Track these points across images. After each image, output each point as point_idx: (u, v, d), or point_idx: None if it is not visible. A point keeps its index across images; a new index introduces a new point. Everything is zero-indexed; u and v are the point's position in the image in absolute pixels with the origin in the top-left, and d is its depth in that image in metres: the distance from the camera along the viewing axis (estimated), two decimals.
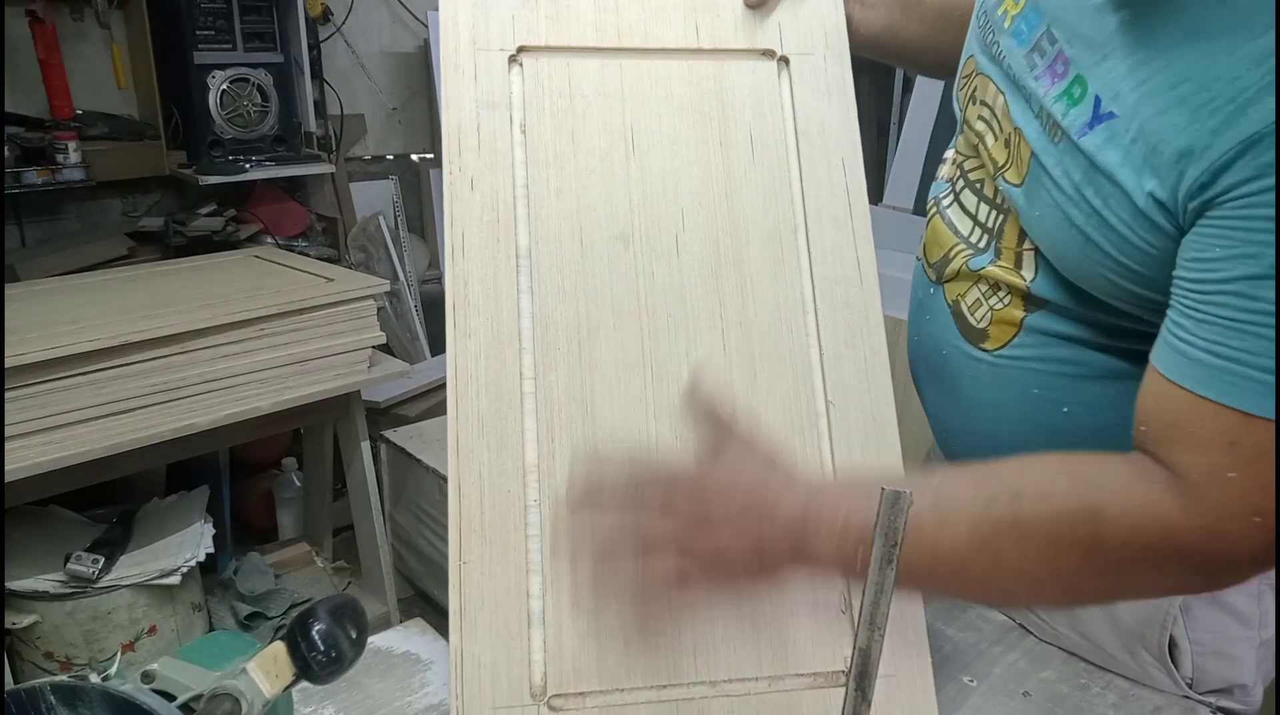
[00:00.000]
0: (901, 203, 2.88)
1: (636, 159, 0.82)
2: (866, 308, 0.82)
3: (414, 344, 2.94)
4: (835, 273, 0.82)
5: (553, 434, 0.75)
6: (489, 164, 0.80)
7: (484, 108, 0.81)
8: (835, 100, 0.86)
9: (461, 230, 0.78)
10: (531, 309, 0.78)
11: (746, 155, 0.84)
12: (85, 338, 1.58)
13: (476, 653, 0.71)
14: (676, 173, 0.83)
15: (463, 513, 0.73)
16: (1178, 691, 0.81)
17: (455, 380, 0.75)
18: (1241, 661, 0.81)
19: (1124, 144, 0.60)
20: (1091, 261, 0.65)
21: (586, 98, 0.83)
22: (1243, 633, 0.80)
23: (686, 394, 0.74)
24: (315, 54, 2.74)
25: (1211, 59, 0.55)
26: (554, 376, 0.76)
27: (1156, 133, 0.58)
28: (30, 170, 2.19)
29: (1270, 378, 0.53)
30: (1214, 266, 0.55)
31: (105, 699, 0.52)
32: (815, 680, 0.74)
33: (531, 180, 0.80)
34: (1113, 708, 0.80)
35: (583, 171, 0.81)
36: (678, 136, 0.83)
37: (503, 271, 0.78)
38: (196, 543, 1.89)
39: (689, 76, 0.85)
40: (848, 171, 0.85)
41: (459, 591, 0.72)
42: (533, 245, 0.79)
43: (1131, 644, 0.82)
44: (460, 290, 0.77)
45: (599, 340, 0.78)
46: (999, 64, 0.75)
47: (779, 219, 0.83)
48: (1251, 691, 0.82)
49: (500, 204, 0.79)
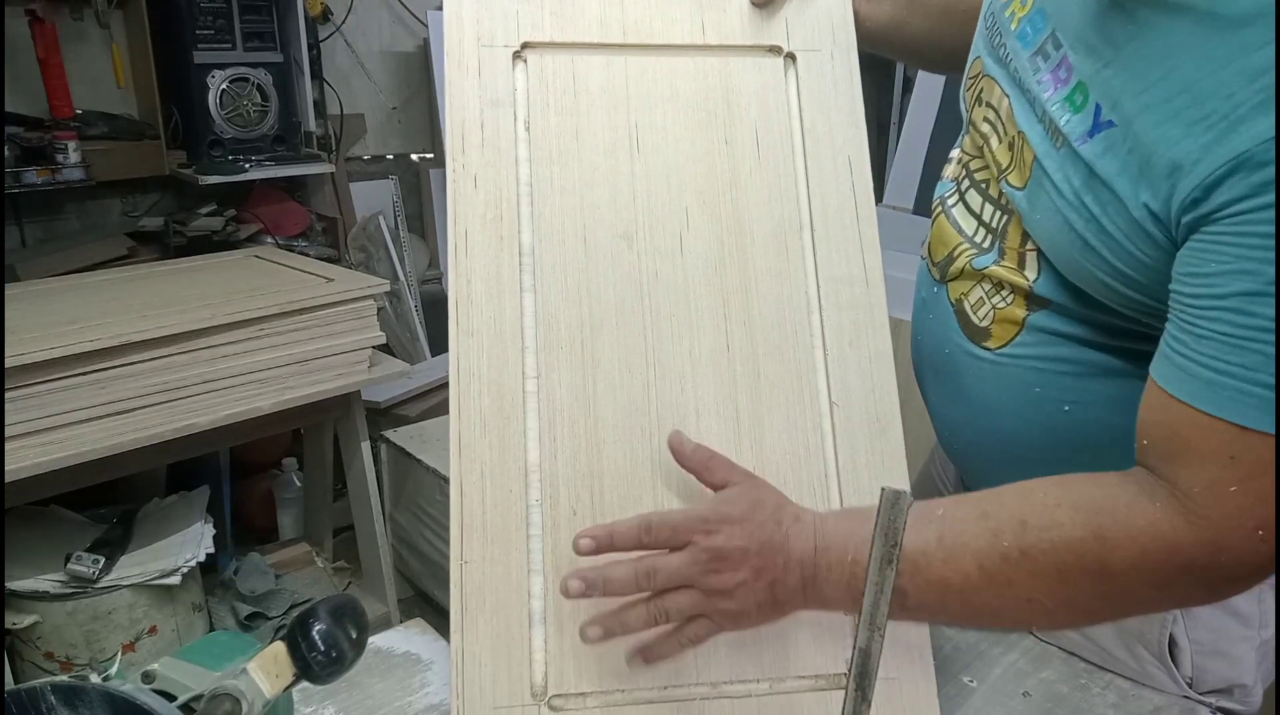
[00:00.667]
0: (902, 203, 2.88)
1: (641, 157, 0.82)
2: (872, 308, 0.81)
3: (414, 344, 2.94)
4: (840, 272, 0.82)
5: (555, 433, 0.75)
6: (493, 161, 0.79)
7: (488, 105, 0.80)
8: (842, 97, 0.86)
9: (465, 228, 0.78)
10: (534, 308, 0.77)
11: (752, 153, 0.83)
12: (85, 338, 1.58)
13: (477, 652, 0.71)
14: (681, 171, 0.82)
15: (464, 512, 0.73)
16: (1178, 691, 0.81)
17: (458, 379, 0.75)
18: (1241, 661, 0.81)
19: (1121, 154, 0.61)
20: (1090, 266, 0.66)
21: (591, 94, 0.82)
22: (1243, 632, 0.80)
23: (677, 452, 0.71)
24: (315, 54, 2.74)
25: (1207, 73, 0.55)
26: (557, 376, 0.76)
27: (1151, 145, 0.58)
28: (30, 170, 2.19)
29: (1268, 392, 0.53)
30: (1210, 282, 0.56)
31: (105, 699, 0.51)
32: (816, 682, 0.74)
33: (535, 178, 0.80)
34: (1113, 708, 0.80)
35: (587, 169, 0.81)
36: (683, 134, 0.83)
37: (506, 270, 0.77)
38: (197, 543, 1.89)
39: (694, 73, 0.84)
40: (854, 170, 0.84)
41: (460, 590, 0.71)
42: (536, 243, 0.79)
43: (1131, 643, 0.82)
44: (463, 288, 0.77)
45: (602, 339, 0.77)
46: (1005, 66, 0.75)
47: (784, 218, 0.82)
48: (1252, 692, 0.82)
49: (504, 202, 0.79)
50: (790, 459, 0.77)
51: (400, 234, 3.02)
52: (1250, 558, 0.57)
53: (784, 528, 0.65)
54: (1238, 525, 0.56)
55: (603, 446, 0.75)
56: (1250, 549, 0.56)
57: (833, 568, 0.63)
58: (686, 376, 0.78)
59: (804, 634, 0.74)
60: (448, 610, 0.72)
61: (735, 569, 0.64)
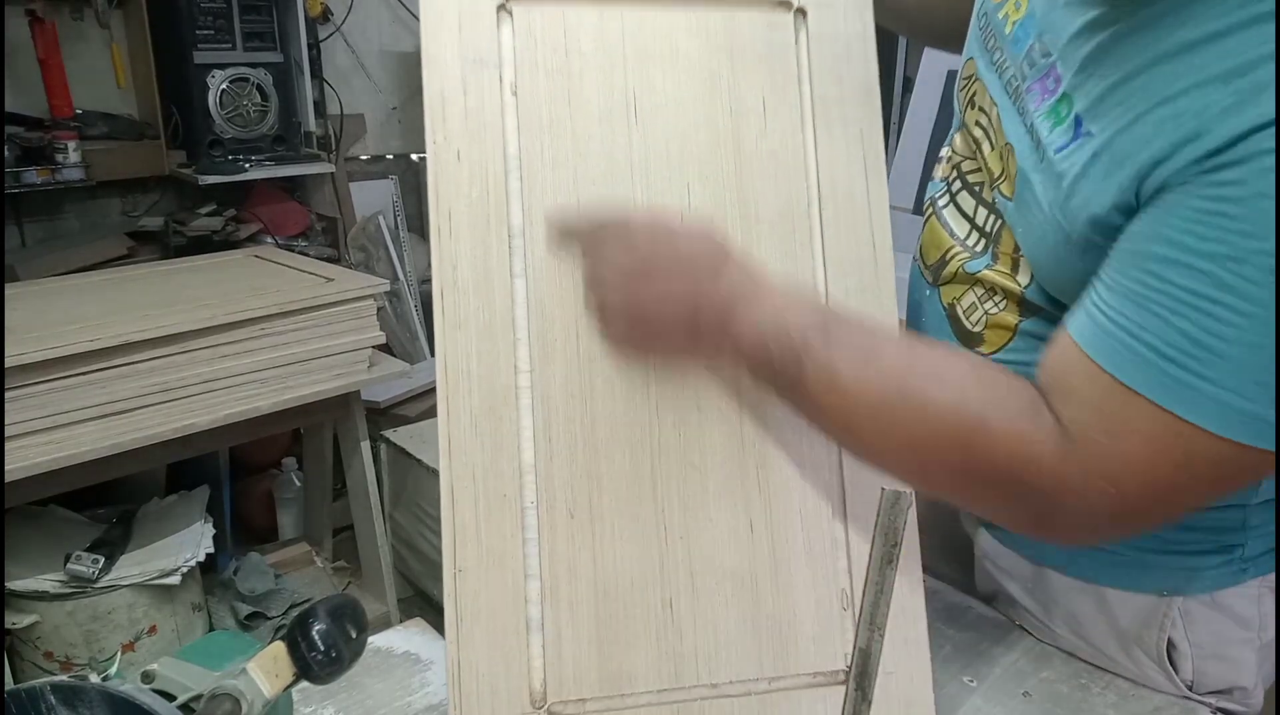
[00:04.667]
0: (902, 202, 2.87)
1: (639, 125, 0.75)
2: (880, 294, 0.77)
3: (414, 344, 2.94)
4: (849, 254, 0.77)
5: (550, 432, 0.71)
6: (477, 132, 0.72)
7: (470, 65, 0.72)
8: (855, 59, 0.80)
9: (448, 208, 0.71)
10: (526, 295, 0.72)
11: (758, 123, 0.77)
12: (85, 338, 1.58)
13: (474, 661, 0.69)
14: (683, 141, 0.75)
15: (456, 518, 0.70)
16: (1177, 694, 0.81)
17: (445, 375, 0.70)
18: (1241, 664, 0.81)
19: (1100, 162, 0.60)
20: (1068, 281, 0.66)
21: (584, 54, 0.75)
22: (1243, 635, 0.80)
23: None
24: (315, 53, 2.74)
25: (1181, 78, 0.55)
26: (551, 370, 0.72)
27: (1125, 150, 0.58)
28: (30, 170, 2.19)
29: (1152, 356, 0.54)
30: (1137, 240, 0.57)
31: (105, 699, 0.52)
32: (815, 679, 0.74)
33: (524, 150, 0.73)
34: (1113, 708, 0.80)
35: (580, 140, 0.74)
36: (684, 98, 0.76)
37: (495, 254, 0.72)
38: (196, 543, 1.89)
39: (697, 29, 0.77)
40: (865, 143, 0.79)
41: (454, 600, 0.69)
42: (526, 224, 0.72)
43: (1129, 646, 0.82)
44: (448, 276, 0.71)
45: (598, 330, 0.73)
46: (997, 72, 0.75)
47: (791, 195, 0.77)
48: (1252, 694, 0.82)
49: (490, 177, 0.72)
50: (792, 457, 0.75)
51: (400, 234, 3.02)
52: (1087, 508, 0.59)
53: (722, 254, 0.69)
54: (1091, 472, 0.57)
55: (601, 445, 0.73)
56: (1091, 500, 0.58)
57: (755, 305, 0.67)
58: (688, 370, 0.74)
59: (803, 633, 0.74)
60: None
61: (655, 279, 0.68)
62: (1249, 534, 0.77)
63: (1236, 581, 0.79)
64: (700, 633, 0.73)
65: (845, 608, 0.75)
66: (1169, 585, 0.79)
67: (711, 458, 0.74)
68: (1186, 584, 0.78)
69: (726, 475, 0.74)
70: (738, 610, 0.73)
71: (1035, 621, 0.87)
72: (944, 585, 0.95)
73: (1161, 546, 0.78)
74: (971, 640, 0.87)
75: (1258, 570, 0.79)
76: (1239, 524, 0.77)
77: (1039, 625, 0.87)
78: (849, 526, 0.76)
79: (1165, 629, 0.80)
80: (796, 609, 0.74)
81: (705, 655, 0.72)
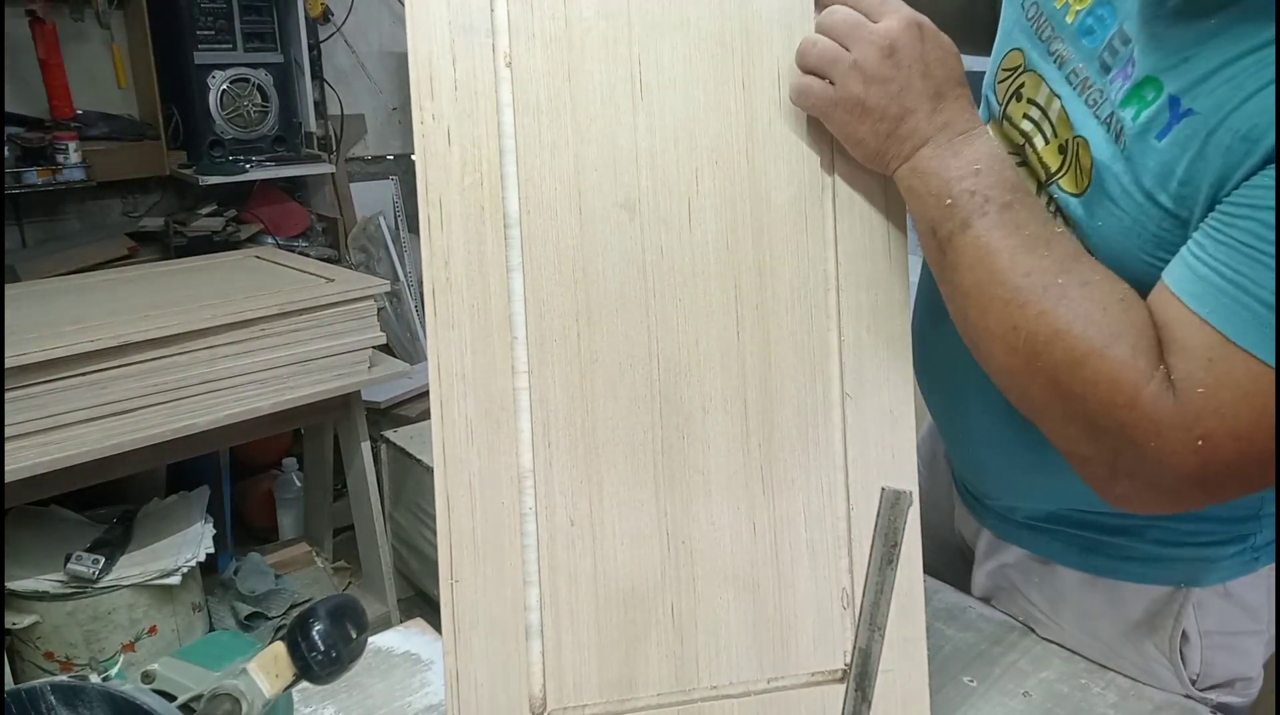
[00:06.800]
0: None
1: (645, 103, 0.69)
2: (892, 286, 0.74)
3: (414, 344, 2.94)
4: (863, 244, 0.73)
5: (549, 437, 0.69)
6: (468, 110, 0.67)
7: (460, 32, 0.66)
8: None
9: (438, 196, 0.66)
10: (523, 291, 0.68)
11: (772, 99, 0.71)
12: (85, 338, 1.58)
13: (472, 671, 0.68)
14: (692, 121, 0.70)
15: (452, 528, 0.67)
16: (1180, 690, 0.81)
17: (439, 378, 0.66)
18: (1249, 655, 0.82)
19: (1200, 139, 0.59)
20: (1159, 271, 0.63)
21: (586, 20, 0.69)
22: (1252, 626, 0.81)
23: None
24: (315, 54, 2.74)
25: None
26: (550, 371, 0.69)
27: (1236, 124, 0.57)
28: (30, 170, 2.20)
29: (1263, 310, 0.53)
30: (1251, 194, 0.56)
31: (105, 699, 0.51)
32: (814, 678, 0.74)
33: (520, 130, 0.68)
34: (1113, 708, 0.80)
35: (581, 120, 0.69)
36: (693, 74, 0.70)
37: (490, 246, 0.67)
38: (197, 543, 1.90)
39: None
40: None
41: (451, 612, 0.67)
42: (523, 214, 0.68)
43: (1140, 640, 0.82)
44: (440, 271, 0.66)
45: (600, 328, 0.69)
46: (1056, 63, 0.72)
47: (805, 181, 0.72)
48: (1253, 683, 0.83)
49: (484, 162, 0.67)
50: (798, 456, 0.74)
51: (400, 234, 3.02)
52: (1172, 461, 0.58)
53: (958, 75, 0.67)
54: (1187, 425, 0.57)
55: (601, 449, 0.71)
56: (1181, 453, 0.57)
57: (962, 130, 0.66)
58: (692, 370, 0.71)
59: (804, 633, 0.74)
60: None
61: (896, 67, 0.65)
62: (1262, 522, 0.78)
63: (1249, 570, 0.79)
64: (701, 636, 0.72)
65: (845, 607, 0.74)
66: (1186, 577, 0.79)
67: (714, 459, 0.72)
68: (1203, 574, 0.79)
69: (729, 476, 0.73)
70: (739, 612, 0.73)
71: (1040, 617, 0.87)
72: (944, 585, 0.95)
73: (1179, 539, 0.78)
74: (971, 640, 0.87)
75: (1268, 558, 0.80)
76: (1254, 511, 0.77)
77: (1044, 621, 0.87)
78: (852, 523, 0.74)
79: (1180, 620, 0.80)
80: (797, 609, 0.74)
81: (706, 658, 0.72)
